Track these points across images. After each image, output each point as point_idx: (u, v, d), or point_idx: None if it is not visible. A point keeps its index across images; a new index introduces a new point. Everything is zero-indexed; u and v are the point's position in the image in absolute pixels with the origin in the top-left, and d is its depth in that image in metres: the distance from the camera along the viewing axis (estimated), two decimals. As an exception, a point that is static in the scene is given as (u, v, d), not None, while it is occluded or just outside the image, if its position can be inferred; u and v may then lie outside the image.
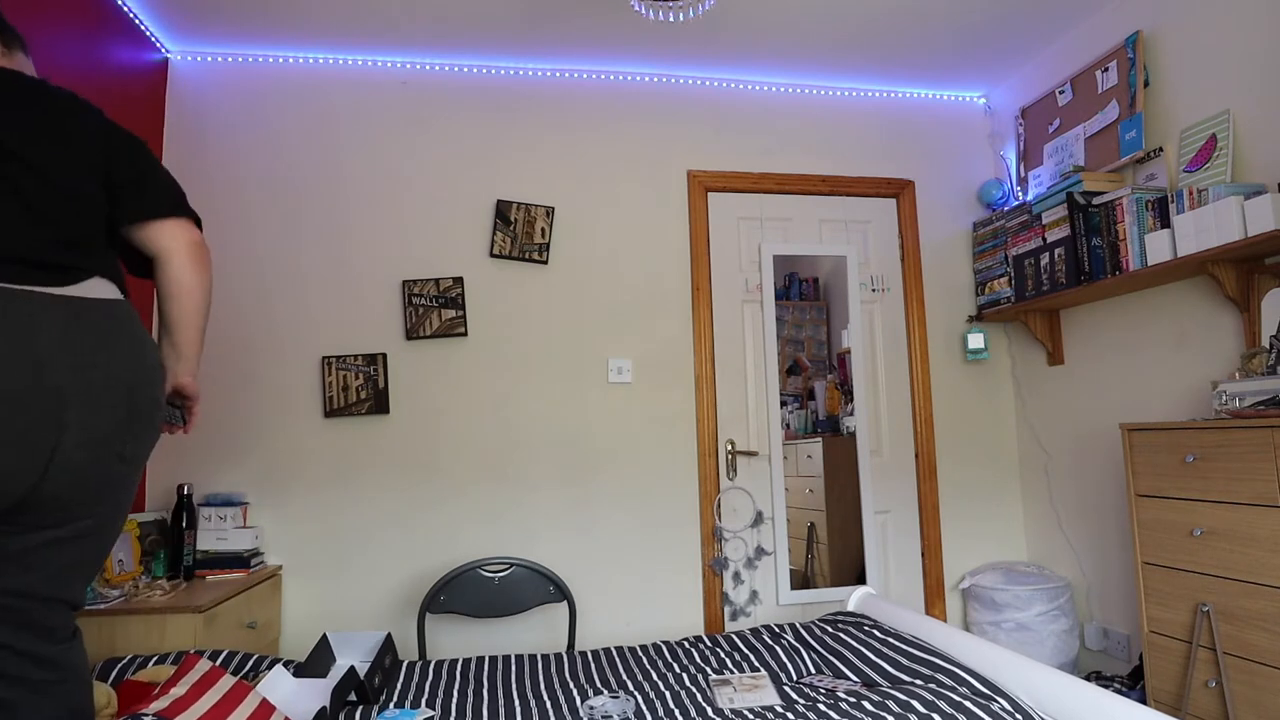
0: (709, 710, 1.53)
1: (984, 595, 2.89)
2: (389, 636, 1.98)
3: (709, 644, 2.06)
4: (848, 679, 1.73)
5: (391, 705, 1.69)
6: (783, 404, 3.19)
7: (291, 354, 2.76)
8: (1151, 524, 2.20)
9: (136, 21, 2.61)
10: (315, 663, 1.85)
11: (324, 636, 1.97)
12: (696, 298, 3.05)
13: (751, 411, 3.06)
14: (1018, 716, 1.35)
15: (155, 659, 1.75)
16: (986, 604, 2.88)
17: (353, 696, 1.68)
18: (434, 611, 2.45)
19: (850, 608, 2.22)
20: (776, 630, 2.10)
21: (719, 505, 2.98)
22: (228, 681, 1.37)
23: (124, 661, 1.75)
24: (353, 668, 1.67)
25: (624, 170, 3.07)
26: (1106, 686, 2.53)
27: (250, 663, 1.84)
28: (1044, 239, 2.80)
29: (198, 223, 1.46)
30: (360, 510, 2.74)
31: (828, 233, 3.22)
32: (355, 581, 2.71)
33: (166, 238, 1.39)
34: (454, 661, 1.98)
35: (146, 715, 1.22)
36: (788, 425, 3.21)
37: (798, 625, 2.12)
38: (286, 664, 1.88)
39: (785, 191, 3.19)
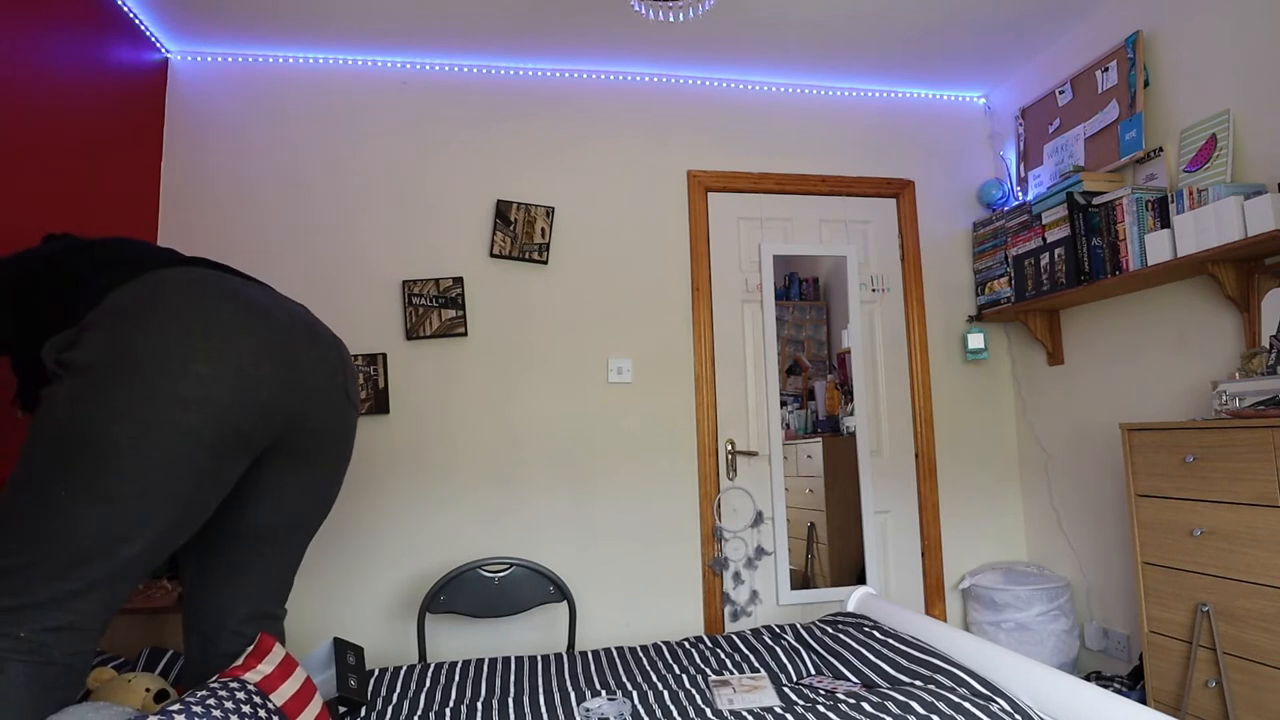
0: (708, 711, 1.53)
1: (984, 595, 2.89)
2: (335, 640, 1.75)
3: (709, 644, 2.06)
4: (847, 680, 1.73)
5: (389, 709, 1.68)
6: (783, 404, 3.19)
7: (291, 354, 2.75)
8: (1151, 524, 2.20)
9: (136, 21, 2.61)
10: None
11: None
12: (696, 298, 3.04)
13: (751, 411, 3.06)
14: (1017, 717, 1.34)
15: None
16: (986, 604, 2.88)
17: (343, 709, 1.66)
18: (434, 611, 2.45)
19: (850, 608, 2.22)
20: (777, 631, 2.10)
21: (719, 505, 2.98)
22: (301, 672, 1.37)
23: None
24: (343, 658, 1.65)
25: (624, 170, 3.07)
26: (1106, 686, 2.53)
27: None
28: (1044, 239, 2.79)
29: None
30: (360, 510, 2.74)
31: (828, 233, 3.22)
32: (355, 581, 2.71)
33: None
34: (453, 664, 1.98)
35: (250, 684, 1.22)
36: (788, 425, 3.21)
37: (798, 626, 2.12)
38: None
39: (785, 191, 3.18)
